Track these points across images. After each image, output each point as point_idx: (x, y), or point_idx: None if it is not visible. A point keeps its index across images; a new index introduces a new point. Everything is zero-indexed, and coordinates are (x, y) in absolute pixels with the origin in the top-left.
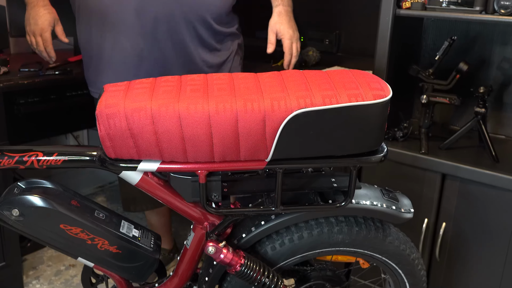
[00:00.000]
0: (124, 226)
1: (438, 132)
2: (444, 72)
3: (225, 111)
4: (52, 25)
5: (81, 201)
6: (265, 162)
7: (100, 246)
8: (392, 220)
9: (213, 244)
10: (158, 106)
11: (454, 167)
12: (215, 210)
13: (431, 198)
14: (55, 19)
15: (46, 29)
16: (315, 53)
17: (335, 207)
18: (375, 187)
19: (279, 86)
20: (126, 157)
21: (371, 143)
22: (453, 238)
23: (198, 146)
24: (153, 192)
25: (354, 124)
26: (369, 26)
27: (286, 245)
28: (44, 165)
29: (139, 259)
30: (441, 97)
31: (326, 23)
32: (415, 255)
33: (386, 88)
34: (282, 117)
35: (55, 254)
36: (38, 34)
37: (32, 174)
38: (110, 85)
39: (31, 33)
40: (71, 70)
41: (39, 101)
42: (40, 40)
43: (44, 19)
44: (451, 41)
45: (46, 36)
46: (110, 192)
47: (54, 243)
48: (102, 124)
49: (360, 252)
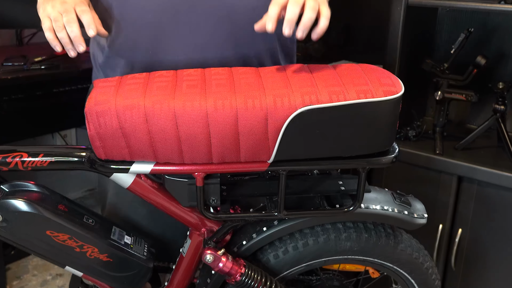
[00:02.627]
0: (115, 233)
1: (453, 131)
2: (460, 67)
3: (224, 108)
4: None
5: (69, 206)
6: (267, 163)
7: (90, 254)
8: (404, 226)
9: (211, 252)
10: (152, 103)
11: (471, 169)
12: (214, 215)
13: (446, 203)
14: None
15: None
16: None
17: (342, 212)
18: (385, 191)
19: (282, 82)
20: (117, 158)
21: (382, 143)
22: (470, 245)
23: (195, 147)
24: (146, 196)
25: (363, 122)
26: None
27: (290, 253)
28: (29, 166)
29: (132, 268)
30: (457, 93)
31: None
32: (429, 263)
33: (397, 84)
34: (286, 115)
35: (41, 262)
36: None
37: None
38: (100, 81)
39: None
40: (58, 65)
41: (24, 97)
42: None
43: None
44: (467, 33)
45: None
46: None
47: (39, 250)
48: (92, 122)
49: (369, 260)
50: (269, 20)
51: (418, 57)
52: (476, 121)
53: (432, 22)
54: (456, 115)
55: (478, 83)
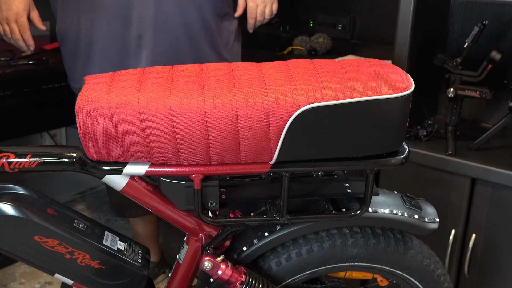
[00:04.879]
0: (108, 238)
1: (467, 131)
2: (474, 62)
3: (223, 106)
4: (27, 10)
5: (59, 210)
6: (269, 164)
7: (80, 261)
8: (415, 231)
9: (209, 258)
10: (147, 101)
11: (485, 170)
12: (212, 220)
13: (459, 206)
14: (30, 2)
15: (22, 13)
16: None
17: (349, 216)
18: (395, 194)
19: (285, 78)
20: (110, 159)
21: (391, 143)
22: (484, 251)
23: (192, 147)
24: (140, 199)
25: (371, 121)
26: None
27: (293, 259)
28: (16, 168)
29: (125, 276)
30: (470, 90)
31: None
32: (440, 271)
33: (407, 80)
34: (289, 114)
35: (29, 270)
36: (12, 21)
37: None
38: (91, 77)
39: (3, 20)
40: (47, 60)
41: (11, 94)
42: (15, 27)
43: (18, 3)
44: (482, 26)
45: (22, 21)
46: (91, 199)
47: (27, 257)
48: (83, 121)
49: (378, 267)
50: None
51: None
52: (491, 119)
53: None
54: (469, 114)
55: (493, 79)
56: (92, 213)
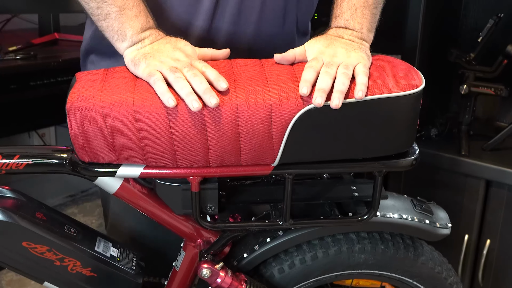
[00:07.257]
0: (100, 244)
1: (481, 130)
2: (488, 57)
3: (223, 105)
4: None
5: (48, 214)
6: (271, 166)
7: (71, 268)
8: (425, 237)
9: (208, 265)
10: (142, 100)
11: (500, 172)
12: (211, 225)
13: (473, 210)
14: None
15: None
16: None
17: (356, 220)
18: (404, 197)
19: (288, 75)
20: (102, 160)
21: (400, 143)
22: (499, 258)
23: (190, 149)
24: (135, 203)
25: (379, 120)
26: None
27: (296, 266)
28: (3, 169)
29: (118, 284)
30: (484, 87)
31: None
32: (453, 279)
33: (417, 77)
34: (292, 113)
35: (16, 277)
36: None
37: None
38: (83, 73)
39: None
40: (35, 55)
41: None
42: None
43: None
44: (497, 19)
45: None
46: (82, 203)
47: (15, 264)
48: (74, 120)
49: (386, 275)
50: (303, 84)
51: (441, 46)
52: (506, 118)
53: (457, 7)
54: (483, 112)
55: (508, 75)
56: (83, 218)
